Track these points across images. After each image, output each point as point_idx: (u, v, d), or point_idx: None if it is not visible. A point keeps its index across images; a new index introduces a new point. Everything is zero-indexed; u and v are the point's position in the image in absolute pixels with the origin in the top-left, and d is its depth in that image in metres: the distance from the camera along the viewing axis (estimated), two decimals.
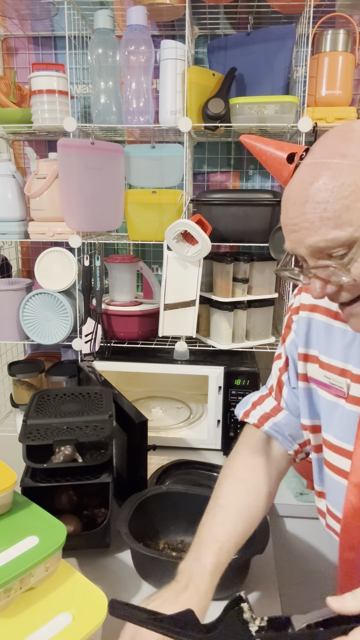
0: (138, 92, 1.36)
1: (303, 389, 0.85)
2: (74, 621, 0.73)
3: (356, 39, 1.36)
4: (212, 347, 1.48)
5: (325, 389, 0.80)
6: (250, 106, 1.31)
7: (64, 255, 1.45)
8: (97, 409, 1.09)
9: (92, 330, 1.47)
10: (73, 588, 0.79)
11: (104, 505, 1.09)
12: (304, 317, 0.85)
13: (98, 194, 1.41)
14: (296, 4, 1.36)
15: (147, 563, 0.93)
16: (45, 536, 0.82)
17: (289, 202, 0.64)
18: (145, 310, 1.51)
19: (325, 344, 0.80)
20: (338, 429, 0.78)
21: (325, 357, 0.80)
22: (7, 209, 1.48)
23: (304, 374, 0.85)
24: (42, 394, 1.17)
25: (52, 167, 1.41)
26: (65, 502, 1.07)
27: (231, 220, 1.38)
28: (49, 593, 0.78)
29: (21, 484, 0.98)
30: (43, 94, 1.39)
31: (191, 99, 1.36)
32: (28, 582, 0.77)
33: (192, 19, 1.41)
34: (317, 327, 0.82)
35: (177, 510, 1.05)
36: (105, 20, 1.34)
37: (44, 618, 0.73)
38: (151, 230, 1.44)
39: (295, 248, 0.65)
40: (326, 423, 0.81)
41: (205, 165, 1.67)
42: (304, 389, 0.85)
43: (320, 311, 0.82)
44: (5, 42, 1.65)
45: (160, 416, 1.62)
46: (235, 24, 1.54)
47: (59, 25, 1.57)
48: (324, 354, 0.80)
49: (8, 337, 1.56)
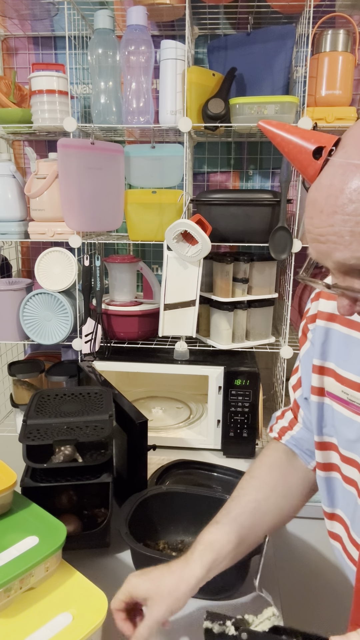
0: (138, 92, 1.36)
1: (316, 403, 0.80)
2: (74, 621, 0.73)
3: (356, 39, 1.36)
4: (212, 347, 1.48)
5: (344, 404, 0.75)
6: (250, 106, 1.32)
7: (64, 255, 1.45)
8: (97, 409, 1.09)
9: (92, 330, 1.47)
10: (73, 588, 0.79)
11: (104, 505, 1.09)
12: (321, 326, 0.79)
13: (98, 194, 1.41)
14: (296, 4, 1.36)
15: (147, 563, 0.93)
16: (45, 536, 0.82)
17: (315, 208, 0.57)
18: (145, 310, 1.51)
19: (343, 356, 0.75)
20: (356, 446, 0.74)
21: (343, 370, 0.75)
22: (7, 209, 1.48)
23: (319, 387, 0.80)
24: (42, 394, 1.17)
25: (52, 167, 1.41)
26: (65, 502, 1.07)
27: (231, 220, 1.38)
28: (49, 593, 0.78)
29: (21, 484, 0.98)
30: (43, 94, 1.39)
31: (191, 99, 1.36)
32: (28, 582, 0.77)
33: (192, 19, 1.41)
34: (335, 338, 0.77)
35: (177, 510, 1.05)
36: (105, 20, 1.34)
37: (44, 618, 0.73)
38: (151, 230, 1.44)
39: (320, 259, 0.59)
40: (344, 439, 0.76)
41: (205, 165, 1.67)
42: (317, 403, 0.80)
43: (340, 321, 0.77)
44: (5, 42, 1.65)
45: (160, 416, 1.62)
46: (235, 24, 1.54)
47: (59, 25, 1.57)
48: (342, 367, 0.75)
49: (8, 337, 1.56)
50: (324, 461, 0.81)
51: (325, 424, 0.80)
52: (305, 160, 0.62)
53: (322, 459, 0.81)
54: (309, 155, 0.61)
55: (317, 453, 0.81)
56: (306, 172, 0.62)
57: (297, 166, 0.64)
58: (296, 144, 0.63)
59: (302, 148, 0.62)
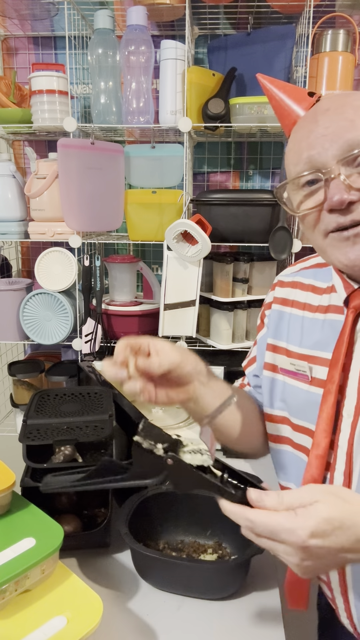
0: (138, 92, 1.36)
1: (269, 379, 0.87)
2: (69, 624, 0.72)
3: (356, 39, 1.36)
4: (212, 347, 1.48)
5: (292, 376, 0.82)
6: (250, 106, 1.31)
7: (64, 255, 1.45)
8: (97, 409, 1.09)
9: (92, 330, 1.47)
10: (68, 591, 0.79)
11: (104, 505, 1.09)
12: (276, 309, 0.88)
13: (98, 194, 1.41)
14: (296, 4, 1.35)
15: (147, 563, 0.93)
16: (42, 538, 0.81)
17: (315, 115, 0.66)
18: (145, 310, 1.51)
19: (294, 334, 0.83)
20: (304, 412, 0.80)
21: (292, 345, 0.83)
22: (7, 209, 1.48)
23: (272, 364, 0.87)
24: (42, 394, 1.17)
25: (52, 167, 1.41)
26: (65, 502, 1.07)
27: (231, 220, 1.38)
28: (44, 595, 0.77)
29: (21, 484, 0.98)
30: (43, 94, 1.39)
31: (191, 99, 1.36)
32: (23, 584, 0.77)
33: (192, 19, 1.41)
34: (287, 319, 0.86)
35: (177, 510, 1.05)
36: (105, 20, 1.34)
37: (38, 621, 0.72)
38: (151, 230, 1.44)
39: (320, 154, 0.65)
40: (295, 408, 0.82)
41: (205, 165, 1.67)
42: (269, 379, 0.87)
43: (291, 304, 0.86)
44: (5, 42, 1.65)
45: (160, 416, 1.62)
46: (235, 24, 1.54)
47: (59, 25, 1.57)
48: (291, 343, 0.83)
49: (8, 337, 1.56)
50: (275, 433, 0.87)
51: (275, 398, 0.86)
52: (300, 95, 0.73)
53: (273, 430, 0.87)
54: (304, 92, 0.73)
55: (268, 425, 0.88)
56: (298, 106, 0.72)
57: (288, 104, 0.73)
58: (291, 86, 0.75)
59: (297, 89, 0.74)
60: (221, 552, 1.00)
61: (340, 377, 0.73)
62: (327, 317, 0.79)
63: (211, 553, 1.00)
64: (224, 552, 1.00)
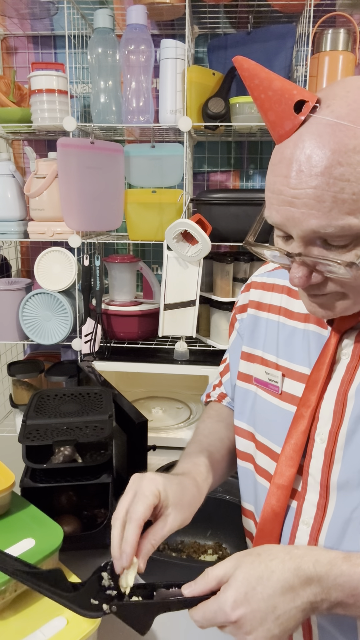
0: (138, 92, 1.36)
1: (242, 389, 0.81)
2: (68, 625, 0.72)
3: (356, 39, 1.36)
4: (212, 347, 1.48)
5: (264, 387, 0.76)
6: (251, 105, 1.31)
7: (64, 255, 1.45)
8: (97, 409, 1.08)
9: (92, 330, 1.47)
10: None
11: (104, 505, 1.09)
12: (251, 314, 0.81)
13: (98, 194, 1.41)
14: (296, 3, 1.35)
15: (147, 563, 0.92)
16: (41, 539, 0.81)
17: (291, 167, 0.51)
18: (145, 310, 1.50)
19: (270, 341, 0.76)
20: (268, 428, 0.74)
21: (267, 354, 0.76)
22: (6, 209, 1.47)
23: (246, 374, 0.80)
24: (42, 394, 1.16)
25: (52, 167, 1.41)
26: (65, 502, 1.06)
27: (231, 220, 1.38)
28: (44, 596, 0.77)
29: (21, 484, 0.97)
30: (43, 94, 1.39)
31: (191, 99, 1.35)
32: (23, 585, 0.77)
33: (192, 18, 1.41)
34: (263, 325, 0.78)
35: None
36: (105, 19, 1.34)
37: (38, 622, 0.72)
38: (151, 230, 1.44)
39: (287, 226, 0.54)
40: (262, 423, 0.76)
41: (205, 164, 1.67)
42: (243, 389, 0.81)
43: (267, 309, 0.78)
44: (4, 42, 1.65)
45: (160, 416, 1.62)
46: (236, 23, 1.54)
47: (59, 24, 1.56)
48: (267, 352, 0.77)
49: (8, 337, 1.55)
50: (240, 448, 0.81)
51: (245, 410, 0.80)
52: (284, 112, 0.53)
53: (239, 444, 0.82)
54: (290, 107, 0.53)
55: (237, 439, 0.82)
56: (281, 125, 0.54)
57: (270, 118, 0.56)
58: (277, 89, 0.54)
59: (283, 97, 0.53)
60: (221, 553, 0.99)
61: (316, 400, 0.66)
62: (307, 327, 0.71)
63: (211, 554, 1.00)
64: (224, 553, 1.00)
